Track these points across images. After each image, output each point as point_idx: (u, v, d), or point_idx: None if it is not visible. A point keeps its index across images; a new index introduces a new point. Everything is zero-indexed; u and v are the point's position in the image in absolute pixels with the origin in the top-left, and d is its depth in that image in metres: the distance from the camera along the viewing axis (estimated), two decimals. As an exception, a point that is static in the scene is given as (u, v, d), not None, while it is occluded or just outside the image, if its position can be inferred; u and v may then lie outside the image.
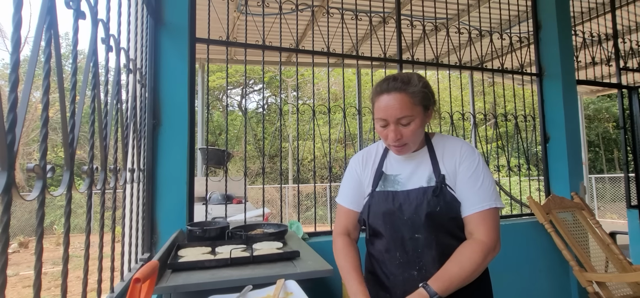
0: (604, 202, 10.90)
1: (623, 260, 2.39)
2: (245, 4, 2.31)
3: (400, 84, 1.01)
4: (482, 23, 3.07)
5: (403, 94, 1.00)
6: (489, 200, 1.01)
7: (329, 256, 1.36)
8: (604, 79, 4.03)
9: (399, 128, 1.01)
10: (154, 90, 1.69)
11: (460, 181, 1.04)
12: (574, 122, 2.76)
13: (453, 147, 1.09)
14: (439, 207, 1.03)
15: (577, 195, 2.63)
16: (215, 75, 12.84)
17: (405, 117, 1.00)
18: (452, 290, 0.95)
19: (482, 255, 0.97)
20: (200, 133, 5.12)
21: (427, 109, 1.06)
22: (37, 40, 0.66)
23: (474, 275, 0.98)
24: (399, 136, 1.01)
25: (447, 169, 1.06)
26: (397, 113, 1.00)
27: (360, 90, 3.55)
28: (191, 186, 1.79)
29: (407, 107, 1.00)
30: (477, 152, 1.08)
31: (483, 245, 0.98)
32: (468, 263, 0.97)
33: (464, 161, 1.05)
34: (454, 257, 1.00)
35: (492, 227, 1.01)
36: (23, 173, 7.79)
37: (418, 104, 1.01)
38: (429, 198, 1.03)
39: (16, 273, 6.04)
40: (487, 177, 1.04)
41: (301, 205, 11.18)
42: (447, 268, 0.98)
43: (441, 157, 1.08)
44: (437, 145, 1.11)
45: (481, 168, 1.05)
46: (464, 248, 1.00)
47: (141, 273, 0.82)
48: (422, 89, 1.02)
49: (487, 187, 1.03)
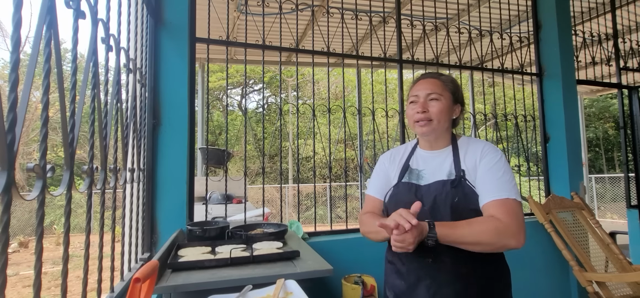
0: (604, 202, 10.90)
1: (623, 260, 2.39)
2: (245, 4, 2.31)
3: (435, 74, 1.19)
4: (482, 23, 3.07)
5: (435, 78, 1.16)
6: (508, 191, 1.03)
7: (329, 256, 1.36)
8: (604, 78, 4.03)
9: (426, 102, 1.13)
10: (154, 90, 1.69)
11: (480, 174, 1.08)
12: (574, 122, 2.76)
13: (476, 146, 1.14)
14: (457, 197, 1.07)
15: (577, 195, 2.63)
16: (215, 75, 12.84)
17: (434, 93, 1.13)
18: (451, 241, 0.98)
19: (496, 230, 0.97)
20: (200, 133, 5.12)
21: (456, 100, 1.17)
22: (37, 40, 0.66)
23: (481, 244, 0.98)
24: (425, 108, 1.12)
25: (468, 165, 1.10)
26: (428, 89, 1.14)
27: (360, 90, 3.55)
28: (191, 186, 1.79)
29: (437, 87, 1.13)
30: (500, 151, 1.13)
31: (500, 222, 0.98)
32: (478, 228, 0.98)
33: (485, 156, 1.10)
34: (471, 220, 1.02)
35: (512, 214, 1.00)
36: (23, 173, 7.80)
37: (448, 90, 1.14)
38: (448, 190, 1.08)
39: (16, 273, 6.04)
40: (507, 172, 1.07)
41: (301, 205, 11.18)
42: (456, 222, 1.01)
43: (463, 156, 1.13)
44: (462, 145, 1.17)
45: (502, 164, 1.08)
46: (484, 219, 1.02)
47: (141, 273, 0.82)
48: (453, 80, 1.18)
49: (507, 180, 1.05)
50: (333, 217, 10.37)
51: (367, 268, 2.01)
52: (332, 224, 2.39)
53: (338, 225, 2.47)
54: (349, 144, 9.29)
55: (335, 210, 11.21)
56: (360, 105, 2.61)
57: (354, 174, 9.61)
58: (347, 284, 1.73)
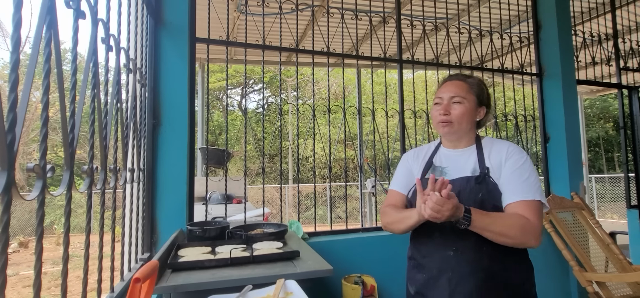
0: (604, 202, 10.90)
1: (623, 260, 2.39)
2: (245, 4, 2.31)
3: (461, 76, 1.21)
4: (482, 23, 3.07)
5: (461, 80, 1.18)
6: (534, 193, 1.05)
7: (329, 256, 1.36)
8: (604, 78, 4.03)
9: (449, 105, 1.15)
10: (154, 90, 1.69)
11: (505, 174, 1.09)
12: (574, 122, 2.76)
13: (501, 145, 1.16)
14: (481, 193, 1.08)
15: (577, 195, 2.63)
16: (215, 75, 12.84)
17: (457, 96, 1.15)
18: (481, 227, 1.00)
19: (523, 227, 1.00)
20: (200, 133, 5.12)
21: (481, 103, 1.18)
22: (37, 40, 0.66)
23: (506, 236, 1.00)
24: (447, 111, 1.15)
25: (492, 163, 1.12)
26: (452, 91, 1.16)
27: (360, 90, 3.56)
28: (191, 186, 1.79)
29: (462, 90, 1.15)
30: (526, 153, 1.14)
31: (528, 221, 1.01)
32: (508, 220, 1.01)
33: (511, 157, 1.11)
34: (501, 213, 1.06)
35: (538, 215, 1.04)
36: (23, 173, 7.79)
37: (472, 93, 1.16)
38: (472, 185, 1.10)
39: (16, 273, 6.03)
40: (533, 174, 1.09)
41: (301, 205, 11.18)
42: (489, 213, 1.03)
43: (488, 154, 1.15)
44: (486, 145, 1.18)
45: (528, 166, 1.10)
46: (513, 214, 1.04)
47: (141, 273, 0.82)
48: (478, 83, 1.19)
49: (533, 182, 1.07)
50: (333, 217, 10.37)
51: (367, 268, 2.01)
52: (332, 224, 2.39)
53: (338, 225, 2.47)
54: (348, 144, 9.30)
55: (335, 210, 11.22)
56: (360, 105, 2.61)
57: (354, 174, 9.62)
58: (347, 284, 1.73)
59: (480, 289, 1.06)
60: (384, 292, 2.05)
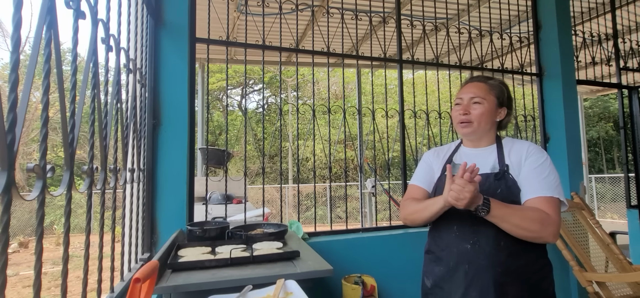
0: (604, 202, 10.89)
1: (623, 260, 2.39)
2: (245, 4, 2.31)
3: (483, 77, 1.23)
4: (482, 23, 3.07)
5: (482, 82, 1.20)
6: (553, 190, 1.06)
7: (329, 256, 1.36)
8: (604, 78, 4.03)
9: (469, 105, 1.17)
10: (154, 90, 1.69)
11: (524, 171, 1.10)
12: (574, 122, 2.76)
13: (521, 144, 1.17)
14: (500, 189, 1.10)
15: (577, 195, 2.63)
16: (215, 76, 12.83)
17: (477, 97, 1.16)
18: (500, 217, 1.00)
19: (541, 221, 1.01)
20: (200, 133, 5.12)
21: (501, 104, 1.19)
22: (37, 40, 0.66)
23: (524, 228, 1.01)
24: (467, 111, 1.17)
25: (512, 161, 1.13)
26: (472, 92, 1.18)
27: (360, 90, 3.56)
28: (191, 186, 1.79)
29: (482, 91, 1.17)
30: (546, 153, 1.15)
31: (547, 215, 1.02)
32: (527, 213, 1.02)
33: (531, 156, 1.12)
34: (520, 206, 1.07)
35: (556, 212, 1.04)
36: (23, 173, 7.80)
37: (492, 94, 1.17)
38: (492, 181, 1.11)
39: (16, 273, 6.03)
40: (552, 172, 1.10)
41: (301, 205, 11.18)
42: (508, 204, 1.03)
43: (508, 152, 1.16)
44: (506, 144, 1.20)
45: (548, 164, 1.10)
46: (531, 208, 1.05)
47: (141, 273, 0.82)
48: (499, 84, 1.20)
49: (552, 180, 1.08)
50: (333, 217, 10.37)
51: (367, 268, 2.01)
52: (332, 224, 2.39)
53: (338, 225, 2.47)
54: (348, 144, 9.30)
55: (335, 210, 11.22)
56: (360, 105, 2.61)
57: (354, 174, 9.60)
58: (347, 284, 1.73)
59: (496, 283, 1.06)
60: (384, 292, 2.05)
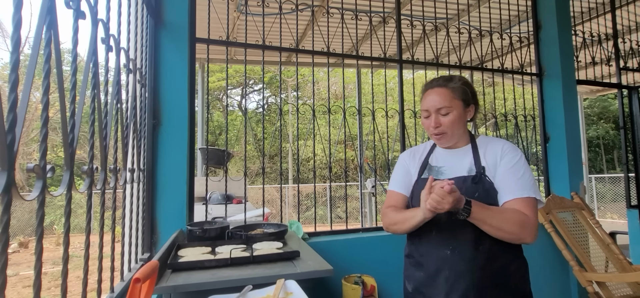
0: (604, 202, 10.89)
1: (623, 260, 2.39)
2: (245, 4, 2.31)
3: (442, 81, 1.17)
4: (482, 23, 3.07)
5: (444, 88, 1.15)
6: (529, 190, 1.08)
7: (329, 256, 1.36)
8: (604, 79, 4.03)
9: (438, 117, 1.15)
10: (154, 90, 1.69)
11: (500, 172, 1.11)
12: (574, 122, 2.76)
13: (496, 144, 1.17)
14: (477, 193, 1.10)
15: (577, 195, 2.63)
16: (215, 75, 12.83)
17: (444, 107, 1.14)
18: (480, 219, 1.01)
19: (521, 222, 1.03)
20: (200, 133, 5.12)
21: (467, 104, 1.17)
22: (37, 40, 0.66)
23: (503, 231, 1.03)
24: (438, 124, 1.15)
25: (488, 162, 1.14)
26: (437, 103, 1.14)
27: (360, 90, 3.56)
28: (191, 186, 1.79)
29: (447, 99, 1.14)
30: (520, 151, 1.16)
31: (526, 217, 1.04)
32: (507, 215, 1.04)
33: (506, 155, 1.13)
34: (501, 207, 1.08)
35: (533, 213, 1.07)
36: (23, 173, 7.80)
37: (457, 98, 1.15)
38: (469, 185, 1.11)
39: (16, 273, 6.03)
40: (527, 171, 1.11)
41: (301, 205, 11.18)
42: (489, 206, 1.04)
43: (483, 153, 1.16)
44: (481, 143, 1.19)
45: (522, 163, 1.12)
46: (511, 209, 1.06)
47: (141, 273, 0.82)
48: (461, 85, 1.17)
49: (528, 179, 1.10)
50: (333, 217, 10.37)
51: (367, 268, 2.01)
52: (332, 224, 2.39)
53: (338, 226, 2.47)
54: (349, 144, 9.30)
55: (335, 210, 11.21)
56: (360, 105, 2.61)
57: (354, 174, 9.60)
58: (347, 284, 1.73)
59: (476, 287, 1.08)
60: (384, 292, 2.05)
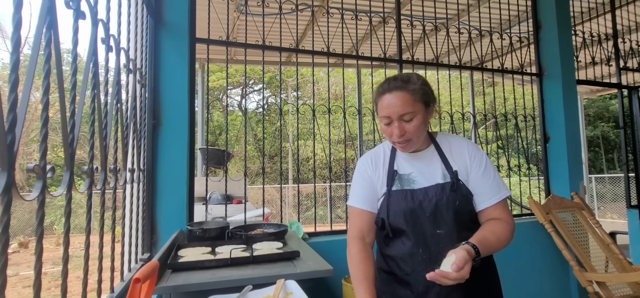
0: (604, 202, 10.89)
1: (623, 260, 2.39)
2: (245, 4, 2.31)
3: (401, 83, 1.06)
4: (482, 23, 3.07)
5: (404, 91, 1.04)
6: (500, 190, 1.11)
7: (329, 256, 1.36)
8: (604, 78, 4.03)
9: (402, 124, 1.05)
10: (154, 90, 1.69)
11: (474, 178, 1.11)
12: (574, 122, 2.76)
13: (459, 145, 1.15)
14: (458, 201, 1.08)
15: (577, 195, 2.63)
16: (215, 75, 12.83)
17: (407, 113, 1.04)
18: (488, 253, 1.02)
19: (510, 232, 1.08)
20: (200, 133, 5.12)
21: (428, 105, 1.10)
22: (37, 41, 0.66)
23: (502, 247, 1.06)
24: (403, 132, 1.05)
25: (458, 165, 1.12)
26: (399, 109, 1.04)
27: (360, 90, 3.55)
28: (191, 186, 1.79)
29: (409, 104, 1.04)
30: (480, 149, 1.16)
31: (508, 224, 1.09)
32: (503, 236, 1.05)
33: (474, 159, 1.12)
34: (490, 229, 1.06)
35: (509, 212, 1.12)
36: (23, 173, 7.79)
37: (419, 100, 1.06)
38: (448, 194, 1.08)
39: (16, 273, 6.03)
40: (493, 169, 1.14)
41: (301, 205, 11.18)
42: (485, 235, 1.03)
43: (449, 154, 1.13)
44: (443, 143, 1.16)
45: (489, 163, 1.13)
46: (498, 225, 1.08)
47: (141, 273, 0.82)
48: (421, 86, 1.07)
49: (498, 179, 1.12)
50: (333, 217, 10.37)
51: (367, 268, 2.00)
52: (332, 224, 2.39)
53: (338, 225, 2.47)
54: (348, 144, 9.29)
55: (335, 210, 11.21)
56: (360, 105, 2.61)
57: (354, 174, 9.64)
58: (347, 284, 1.73)
59: (468, 294, 1.08)
60: (384, 292, 2.05)
